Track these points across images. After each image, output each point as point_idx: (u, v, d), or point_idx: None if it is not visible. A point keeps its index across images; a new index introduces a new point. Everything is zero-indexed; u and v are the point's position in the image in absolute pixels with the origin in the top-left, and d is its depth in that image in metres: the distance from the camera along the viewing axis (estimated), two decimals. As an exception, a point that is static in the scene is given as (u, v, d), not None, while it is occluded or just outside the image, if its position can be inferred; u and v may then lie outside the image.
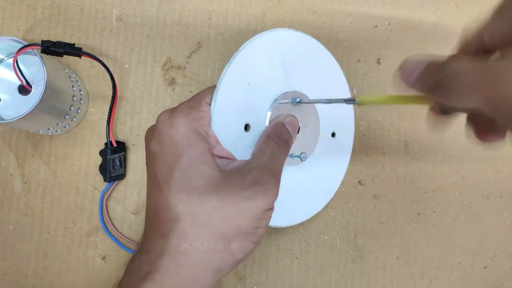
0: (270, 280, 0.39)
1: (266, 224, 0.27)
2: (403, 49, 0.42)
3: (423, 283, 0.40)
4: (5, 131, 0.38)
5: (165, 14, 0.40)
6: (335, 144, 0.37)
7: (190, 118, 0.27)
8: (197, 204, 0.25)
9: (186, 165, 0.26)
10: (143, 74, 0.39)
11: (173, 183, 0.25)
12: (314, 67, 0.35)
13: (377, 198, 0.41)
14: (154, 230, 0.26)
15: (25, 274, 0.37)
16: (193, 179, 0.25)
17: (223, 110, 0.29)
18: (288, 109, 0.32)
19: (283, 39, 0.32)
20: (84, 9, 0.39)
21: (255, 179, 0.26)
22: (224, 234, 0.25)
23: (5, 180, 0.37)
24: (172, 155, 0.26)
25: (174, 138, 0.26)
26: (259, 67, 0.31)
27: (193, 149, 0.26)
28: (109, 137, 0.37)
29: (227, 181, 0.26)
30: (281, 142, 0.29)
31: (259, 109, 0.32)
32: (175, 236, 0.25)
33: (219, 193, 0.25)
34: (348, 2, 0.42)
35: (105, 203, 0.38)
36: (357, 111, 0.41)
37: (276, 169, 0.27)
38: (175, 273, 0.24)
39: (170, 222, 0.25)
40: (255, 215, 0.25)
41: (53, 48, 0.33)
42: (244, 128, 0.31)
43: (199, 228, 0.25)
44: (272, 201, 0.26)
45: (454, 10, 0.43)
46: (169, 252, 0.25)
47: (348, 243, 0.40)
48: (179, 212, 0.25)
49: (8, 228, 0.37)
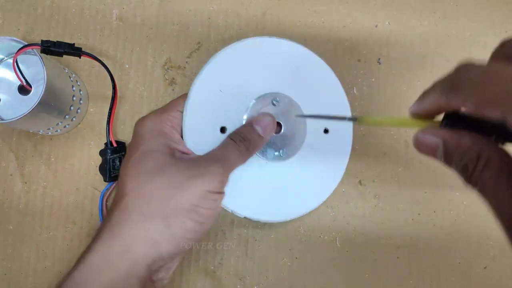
0: (270, 280, 0.39)
1: (210, 206, 0.28)
2: (403, 49, 0.42)
3: (423, 283, 0.40)
4: (5, 131, 0.38)
5: (165, 14, 0.40)
6: (329, 141, 0.37)
7: (158, 119, 0.31)
8: (143, 182, 0.27)
9: (142, 151, 0.29)
10: (143, 74, 0.39)
11: (128, 166, 0.29)
12: (300, 69, 0.36)
13: (377, 198, 0.41)
14: (111, 209, 0.29)
15: (25, 274, 0.37)
16: (144, 162, 0.28)
17: (195, 115, 0.32)
18: (267, 109, 0.34)
19: (262, 45, 0.34)
20: (84, 9, 0.39)
21: (200, 163, 0.28)
22: (163, 208, 0.27)
23: (5, 180, 0.37)
24: (135, 145, 0.30)
25: (139, 133, 0.30)
26: (233, 74, 0.33)
27: (152, 140, 0.30)
28: (109, 137, 0.37)
29: (175, 164, 0.28)
30: (236, 139, 0.31)
31: (235, 113, 0.34)
32: (117, 210, 0.27)
33: (165, 173, 0.28)
34: (348, 2, 0.42)
35: (105, 203, 0.38)
36: (357, 111, 0.41)
37: (224, 159, 0.29)
38: (110, 242, 0.26)
39: (120, 198, 0.28)
40: (195, 193, 0.27)
41: (53, 48, 0.33)
42: (221, 130, 0.33)
43: (139, 201, 0.27)
44: (217, 185, 0.28)
45: (454, 10, 0.43)
46: (110, 223, 0.27)
47: (348, 243, 0.40)
48: (127, 189, 0.28)
49: (8, 228, 0.37)
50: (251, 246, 0.39)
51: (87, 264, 0.26)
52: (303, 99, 0.35)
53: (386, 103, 0.41)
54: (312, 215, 0.40)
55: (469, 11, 0.44)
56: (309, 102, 0.36)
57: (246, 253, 0.39)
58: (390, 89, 0.41)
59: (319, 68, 0.37)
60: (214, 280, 0.38)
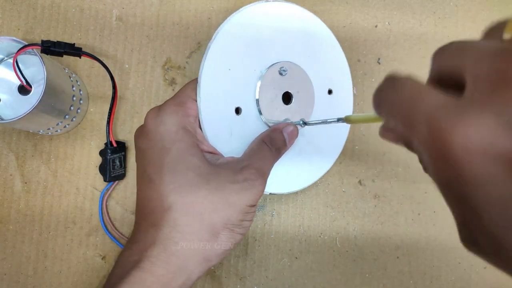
0: (270, 280, 0.39)
1: (251, 218, 0.28)
2: (403, 49, 0.42)
3: (423, 283, 0.40)
4: (5, 131, 0.38)
5: (165, 14, 0.40)
6: (333, 101, 0.37)
7: (178, 115, 0.28)
8: (188, 194, 0.26)
9: (175, 158, 0.27)
10: (143, 74, 0.39)
11: (164, 175, 0.26)
12: (305, 36, 0.35)
13: (377, 198, 0.41)
14: (145, 221, 0.27)
15: (25, 274, 0.37)
16: (183, 170, 0.26)
17: (209, 101, 0.30)
18: (275, 80, 0.33)
19: (255, 14, 0.33)
20: (84, 9, 0.39)
21: (244, 176, 0.27)
22: (213, 224, 0.26)
23: (5, 180, 0.37)
24: (162, 150, 0.27)
25: (163, 134, 0.27)
26: (237, 50, 0.32)
27: (181, 143, 0.27)
28: (109, 137, 0.37)
29: (217, 174, 0.27)
30: (273, 147, 0.30)
31: (247, 90, 0.33)
32: (167, 225, 0.26)
33: (210, 184, 0.26)
34: (348, 2, 0.42)
35: (105, 203, 0.38)
36: (357, 111, 0.41)
37: (265, 170, 0.29)
38: (165, 261, 0.25)
39: (162, 212, 0.26)
40: (242, 208, 0.27)
41: (53, 48, 0.33)
42: (236, 111, 0.32)
43: (190, 217, 0.26)
44: (257, 198, 0.28)
45: (454, 10, 0.43)
46: (161, 240, 0.25)
47: (348, 243, 0.40)
48: (170, 201, 0.26)
49: (8, 228, 0.37)
50: (251, 246, 0.39)
51: (136, 283, 0.25)
52: (308, 65, 0.35)
53: (386, 103, 0.41)
54: (312, 215, 0.40)
55: (469, 11, 0.44)
56: (313, 67, 0.35)
57: (246, 253, 0.39)
58: (390, 89, 0.41)
59: (324, 34, 0.36)
60: (214, 280, 0.38)
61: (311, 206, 0.40)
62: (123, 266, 0.26)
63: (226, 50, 0.32)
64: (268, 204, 0.39)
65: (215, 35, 0.31)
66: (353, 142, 0.41)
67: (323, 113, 0.36)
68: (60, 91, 0.33)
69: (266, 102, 0.33)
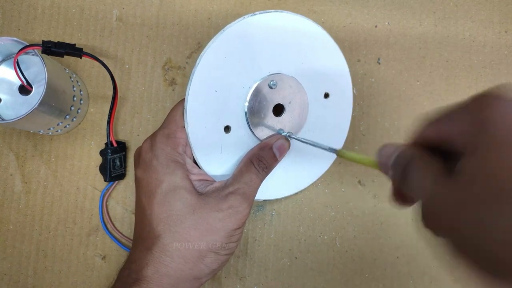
0: (270, 280, 0.39)
1: (236, 240, 0.31)
2: (403, 49, 0.42)
3: (423, 283, 0.40)
4: (5, 131, 0.38)
5: (165, 14, 0.40)
6: (330, 104, 0.37)
7: (168, 148, 0.31)
8: (176, 224, 0.29)
9: (166, 190, 0.30)
10: (143, 74, 0.39)
11: (154, 206, 0.30)
12: (294, 40, 0.34)
13: (377, 198, 0.41)
14: (141, 244, 0.30)
15: (25, 274, 0.37)
16: (172, 202, 0.29)
17: (196, 126, 0.31)
18: (265, 94, 0.33)
19: (237, 30, 0.31)
20: (84, 9, 0.39)
21: (229, 203, 0.30)
22: (200, 249, 0.29)
23: (5, 180, 0.37)
24: (155, 181, 0.30)
25: (156, 168, 0.30)
26: (223, 69, 0.32)
27: (172, 176, 0.30)
28: (110, 137, 0.37)
29: (203, 203, 0.30)
30: (260, 168, 0.32)
31: (236, 107, 0.33)
32: (158, 250, 0.29)
33: (195, 214, 0.29)
34: (348, 2, 0.42)
35: (105, 203, 0.38)
36: (356, 111, 0.41)
37: (251, 193, 0.31)
38: (158, 281, 0.28)
39: (153, 238, 0.29)
40: (226, 233, 0.29)
41: (54, 48, 0.33)
42: (225, 130, 0.32)
43: (178, 244, 0.29)
44: (242, 222, 0.30)
45: (454, 10, 0.43)
46: (153, 263, 0.29)
47: (348, 243, 0.40)
48: (160, 230, 0.29)
49: (8, 228, 0.37)
50: (251, 246, 0.39)
51: None
52: (302, 72, 0.34)
53: (385, 103, 0.41)
54: (312, 215, 0.40)
55: (469, 11, 0.44)
56: (307, 73, 0.35)
57: (246, 253, 0.39)
58: (389, 89, 0.41)
59: (319, 37, 0.35)
60: (214, 280, 0.38)
61: (310, 206, 0.40)
62: (124, 283, 0.29)
63: (212, 71, 0.31)
64: (268, 204, 0.39)
65: (199, 60, 0.30)
66: (353, 142, 0.41)
67: (319, 118, 0.36)
68: (60, 91, 0.33)
69: (256, 117, 0.33)
